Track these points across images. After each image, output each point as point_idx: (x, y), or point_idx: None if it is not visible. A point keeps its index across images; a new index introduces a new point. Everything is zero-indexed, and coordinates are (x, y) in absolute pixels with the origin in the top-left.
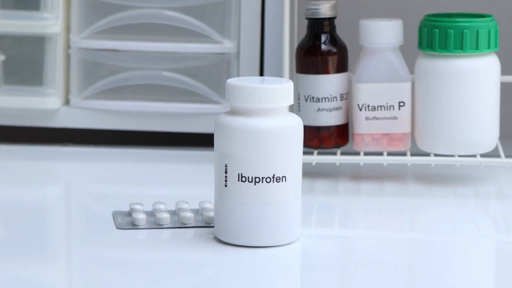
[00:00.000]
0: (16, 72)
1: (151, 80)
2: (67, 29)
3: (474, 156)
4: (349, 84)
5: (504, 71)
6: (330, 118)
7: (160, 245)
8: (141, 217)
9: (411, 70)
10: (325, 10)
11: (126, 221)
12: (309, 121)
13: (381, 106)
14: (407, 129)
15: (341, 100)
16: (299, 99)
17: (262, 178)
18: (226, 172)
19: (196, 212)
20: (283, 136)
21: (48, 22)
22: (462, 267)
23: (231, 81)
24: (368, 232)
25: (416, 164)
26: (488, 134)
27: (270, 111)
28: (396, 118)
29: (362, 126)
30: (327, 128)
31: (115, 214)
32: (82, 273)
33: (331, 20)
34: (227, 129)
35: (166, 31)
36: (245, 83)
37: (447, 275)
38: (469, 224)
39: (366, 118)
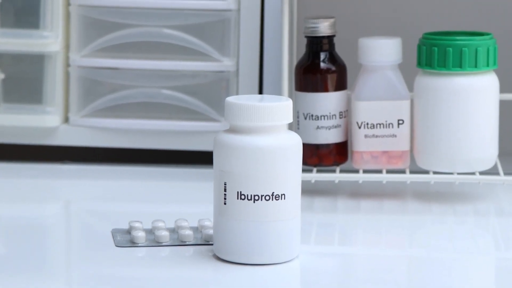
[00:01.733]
0: (15, 90)
1: (150, 98)
2: (67, 47)
3: (473, 173)
4: (348, 102)
5: (503, 89)
6: (329, 136)
7: (159, 263)
8: (140, 235)
9: (410, 88)
10: (324, 28)
11: (125, 238)
12: (308, 139)
13: (380, 124)
14: (406, 147)
15: (340, 118)
16: (298, 117)
17: (261, 196)
18: (225, 190)
19: (195, 229)
20: (282, 154)
21: (48, 41)
22: (462, 284)
23: (230, 99)
24: (368, 249)
25: (415, 181)
26: (487, 151)
27: (269, 129)
28: (395, 136)
29: (361, 144)
30: (326, 145)
31: (114, 232)
32: None
33: (330, 38)
34: (226, 147)
35: (166, 49)
36: (244, 101)
37: None
38: (468, 241)
39: (365, 136)
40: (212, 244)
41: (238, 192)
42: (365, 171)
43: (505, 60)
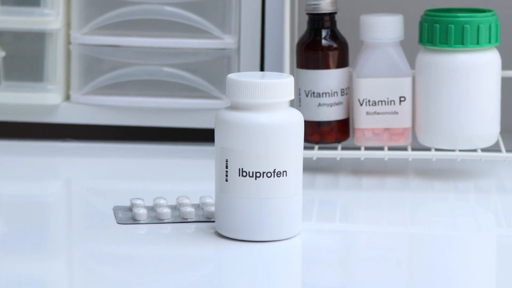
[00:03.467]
0: (16, 68)
1: (151, 75)
2: (68, 25)
3: (475, 150)
4: (350, 79)
5: (504, 66)
6: (331, 113)
7: (161, 240)
8: (142, 212)
9: (412, 65)
10: (325, 6)
11: (127, 216)
12: (309, 116)
13: (382, 101)
14: (408, 123)
15: (341, 95)
16: (299, 94)
17: (263, 172)
18: (226, 167)
19: (197, 207)
20: (283, 131)
21: (49, 18)
22: (463, 261)
23: (232, 76)
24: (369, 226)
25: (417, 158)
26: (489, 128)
27: (271, 106)
28: (397, 113)
29: (363, 121)
30: (328, 123)
31: (116, 209)
32: (82, 268)
33: (331, 15)
34: (228, 124)
35: (167, 26)
36: (246, 78)
37: (448, 269)
38: (470, 218)
39: (367, 113)
40: (213, 221)
41: (239, 169)
42: (366, 148)
43: (507, 37)
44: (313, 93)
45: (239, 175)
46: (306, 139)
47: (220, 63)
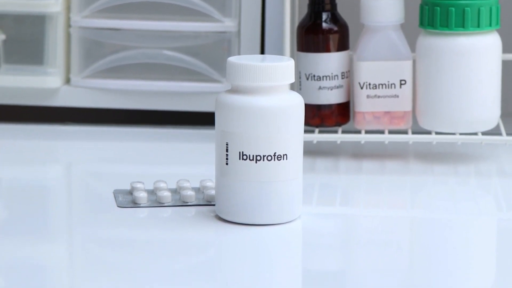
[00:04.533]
0: (16, 51)
1: (151, 58)
2: (68, 8)
3: (475, 134)
4: (350, 62)
5: (505, 49)
6: (331, 96)
7: (161, 223)
8: (142, 196)
9: (412, 48)
10: None
11: (127, 199)
12: (310, 99)
13: (382, 84)
14: (408, 107)
15: (342, 78)
16: (300, 77)
17: (263, 156)
18: (227, 150)
19: (197, 190)
20: (284, 114)
21: (49, 1)
22: (463, 245)
23: (232, 59)
24: (369, 210)
25: (418, 142)
26: (490, 112)
27: (271, 89)
28: (398, 96)
29: (363, 104)
30: (328, 106)
31: (116, 193)
32: (83, 252)
33: None
34: (228, 108)
35: (167, 9)
36: (246, 61)
37: (449, 253)
38: (470, 202)
39: (367, 96)
40: (214, 205)
41: (240, 153)
42: (367, 132)
43: (507, 20)
44: (314, 76)
45: (240, 159)
46: (307, 123)
47: (220, 46)
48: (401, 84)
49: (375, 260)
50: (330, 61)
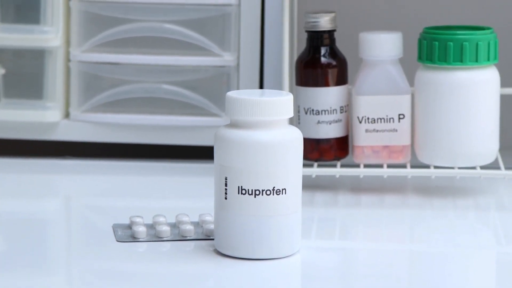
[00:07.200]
0: (16, 85)
1: (151, 93)
2: (67, 43)
3: (474, 168)
4: (349, 97)
5: (503, 83)
6: (330, 131)
7: (160, 257)
8: (141, 230)
9: (411, 82)
10: (324, 23)
11: (126, 233)
12: (309, 134)
13: (381, 119)
14: (407, 141)
15: (341, 112)
16: (299, 111)
17: (262, 190)
18: (226, 184)
19: (196, 224)
20: (283, 149)
21: (48, 36)
22: (462, 279)
23: (231, 93)
24: (369, 244)
25: (416, 176)
26: (488, 146)
27: (270, 123)
28: (396, 130)
29: (362, 138)
30: (327, 140)
31: (115, 227)
32: (82, 286)
33: (330, 32)
34: (227, 142)
35: (166, 44)
36: (245, 96)
37: (448, 287)
38: (469, 235)
39: (366, 131)
40: (213, 239)
41: (239, 187)
42: (366, 166)
43: (505, 54)
44: (312, 110)
45: (238, 193)
46: (305, 157)
47: (219, 80)
48: (399, 118)
49: None
50: (329, 95)
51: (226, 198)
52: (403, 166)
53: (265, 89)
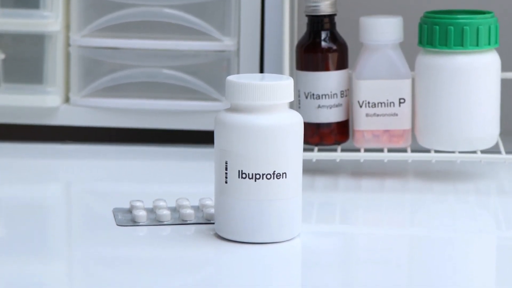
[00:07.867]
0: (16, 70)
1: (151, 77)
2: (67, 27)
3: (474, 152)
4: (350, 81)
5: (504, 68)
6: (331, 115)
7: (161, 241)
8: (141, 214)
9: (412, 66)
10: (325, 7)
11: (127, 218)
12: (309, 118)
13: (381, 103)
14: (407, 125)
15: (341, 97)
16: (299, 96)
17: (263, 174)
18: (226, 169)
19: (197, 208)
20: (283, 133)
21: (48, 20)
22: (462, 263)
23: (231, 78)
24: (369, 228)
25: (417, 160)
26: (489, 130)
27: (270, 108)
28: (397, 114)
29: (363, 122)
30: (328, 125)
31: (116, 211)
32: (82, 270)
33: (331, 17)
34: (227, 126)
35: (166, 28)
36: (245, 80)
37: (448, 271)
38: (469, 220)
39: (367, 115)
40: (213, 223)
41: (239, 171)
42: (366, 150)
43: (506, 38)
44: (313, 95)
45: (239, 177)
46: (306, 141)
47: (219, 65)
48: (400, 102)
49: (374, 278)
50: (329, 80)
51: (226, 182)
52: (404, 150)
53: (265, 73)
